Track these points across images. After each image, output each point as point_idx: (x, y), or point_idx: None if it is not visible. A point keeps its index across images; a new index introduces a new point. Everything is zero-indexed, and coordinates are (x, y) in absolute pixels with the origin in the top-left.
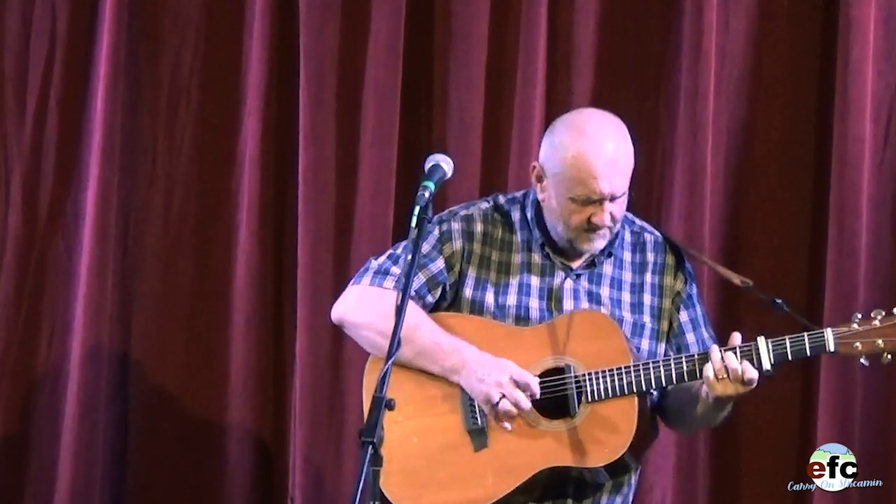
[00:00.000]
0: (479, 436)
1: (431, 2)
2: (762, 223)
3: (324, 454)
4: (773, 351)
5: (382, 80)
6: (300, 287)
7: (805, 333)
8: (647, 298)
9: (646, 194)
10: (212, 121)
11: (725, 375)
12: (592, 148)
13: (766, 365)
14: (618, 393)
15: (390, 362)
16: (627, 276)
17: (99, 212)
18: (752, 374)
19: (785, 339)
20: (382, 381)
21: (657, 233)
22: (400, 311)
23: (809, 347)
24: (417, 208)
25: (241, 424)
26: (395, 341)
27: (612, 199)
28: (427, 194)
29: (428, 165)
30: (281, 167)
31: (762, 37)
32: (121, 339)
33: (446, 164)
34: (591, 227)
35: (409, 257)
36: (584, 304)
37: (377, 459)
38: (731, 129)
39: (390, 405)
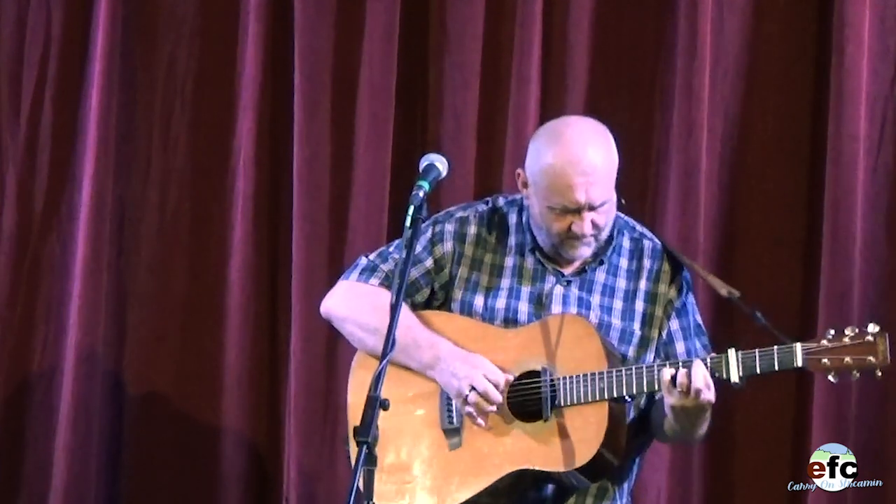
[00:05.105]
0: (453, 435)
1: (426, 2)
2: (757, 223)
3: (319, 453)
4: (741, 363)
5: (377, 80)
6: (295, 286)
7: (775, 347)
8: (639, 305)
9: (640, 194)
10: (206, 120)
11: (683, 389)
12: (568, 157)
13: (734, 377)
14: (589, 398)
15: (386, 361)
16: (622, 283)
17: (93, 211)
18: (708, 396)
19: (755, 353)
20: (377, 380)
21: (656, 240)
22: (394, 309)
23: (778, 362)
24: (412, 208)
25: (235, 424)
26: (389, 339)
27: (591, 208)
28: (422, 194)
29: (423, 165)
30: (275, 166)
31: (756, 36)
32: (115, 338)
33: (441, 163)
34: (571, 235)
35: (402, 255)
36: (573, 310)
37: (372, 459)
38: (725, 128)
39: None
